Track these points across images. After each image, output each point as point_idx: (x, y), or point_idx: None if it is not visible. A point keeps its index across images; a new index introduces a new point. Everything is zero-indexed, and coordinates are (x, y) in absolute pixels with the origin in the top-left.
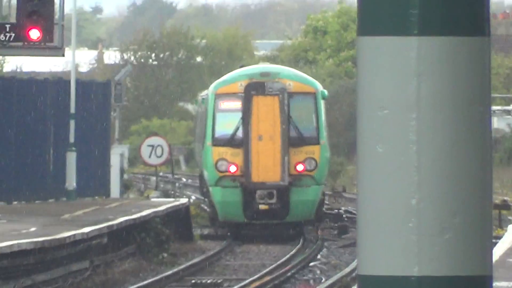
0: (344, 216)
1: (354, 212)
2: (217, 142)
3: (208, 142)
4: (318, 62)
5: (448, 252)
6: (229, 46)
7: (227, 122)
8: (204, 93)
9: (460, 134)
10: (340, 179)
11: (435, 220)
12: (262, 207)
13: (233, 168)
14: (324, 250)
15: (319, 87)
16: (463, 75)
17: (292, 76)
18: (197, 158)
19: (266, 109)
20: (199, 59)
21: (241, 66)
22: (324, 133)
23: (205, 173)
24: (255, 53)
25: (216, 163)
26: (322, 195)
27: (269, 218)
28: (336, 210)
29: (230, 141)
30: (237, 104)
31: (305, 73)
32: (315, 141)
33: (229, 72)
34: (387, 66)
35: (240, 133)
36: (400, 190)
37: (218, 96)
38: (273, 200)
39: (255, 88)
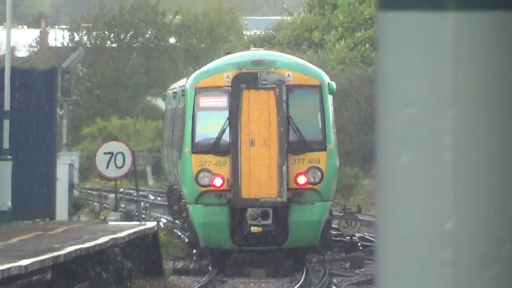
0: (358, 244)
1: (372, 239)
2: (198, 149)
3: (187, 148)
4: (326, 44)
5: None
6: (211, 24)
7: (210, 123)
8: (175, 86)
9: (510, 137)
10: (355, 197)
11: (476, 250)
12: (254, 229)
13: (218, 181)
14: None
15: (326, 78)
16: None
17: (292, 65)
18: (165, 168)
19: (260, 107)
20: (172, 40)
21: (227, 53)
22: (332, 136)
23: (183, 188)
24: (245, 33)
25: (196, 175)
26: (329, 215)
27: (263, 243)
28: (348, 237)
29: (215, 147)
30: (223, 101)
31: (308, 59)
32: (321, 146)
33: (212, 59)
34: (415, 50)
35: (227, 137)
36: (431, 211)
37: (199, 90)
38: (268, 221)
39: (246, 81)
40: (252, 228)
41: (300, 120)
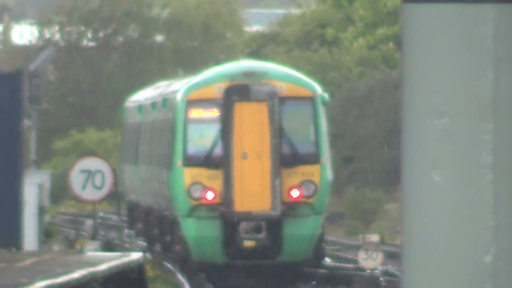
0: (381, 279)
1: (398, 274)
2: (190, 162)
3: (179, 161)
4: (342, 43)
5: None
6: (205, 19)
7: (202, 136)
8: (138, 98)
9: None
10: (376, 224)
11: None
12: (247, 243)
13: (210, 195)
14: None
15: (318, 90)
16: None
17: (284, 76)
18: (127, 186)
19: (252, 119)
20: (159, 38)
21: (218, 64)
22: (325, 149)
23: (175, 201)
24: (246, 29)
25: (189, 188)
26: (321, 228)
27: (256, 257)
28: (369, 270)
29: (207, 161)
30: (215, 113)
31: (321, 59)
32: (314, 159)
33: (206, 60)
34: (448, 49)
35: (219, 150)
36: (468, 241)
37: (190, 102)
38: (262, 235)
39: (237, 93)
40: (245, 242)
41: (292, 132)
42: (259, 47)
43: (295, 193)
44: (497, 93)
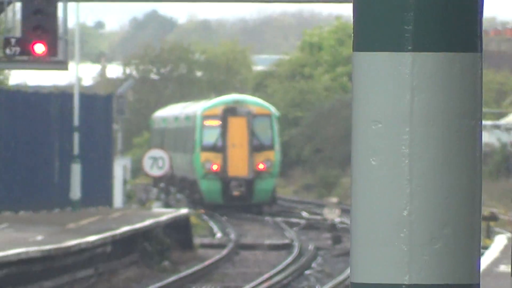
0: (338, 226)
1: (348, 223)
2: (203, 149)
3: (198, 148)
4: (314, 77)
5: (437, 262)
6: (228, 61)
7: (210, 135)
8: (160, 114)
9: (452, 147)
10: (336, 190)
11: (426, 231)
12: (235, 193)
13: (215, 167)
14: (319, 258)
15: (273, 110)
16: (455, 90)
17: (255, 103)
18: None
19: (238, 126)
20: (199, 73)
21: (223, 94)
22: (277, 143)
23: (195, 170)
24: (253, 67)
25: (203, 163)
26: (274, 185)
27: (239, 201)
28: (330, 220)
29: (213, 148)
30: (218, 122)
31: (303, 87)
32: (271, 148)
33: (227, 88)
34: (381, 81)
35: (219, 142)
36: (392, 202)
37: (204, 116)
38: (242, 189)
39: (230, 111)
40: (234, 192)
41: (259, 133)
42: (262, 79)
43: (260, 166)
44: (412, 108)
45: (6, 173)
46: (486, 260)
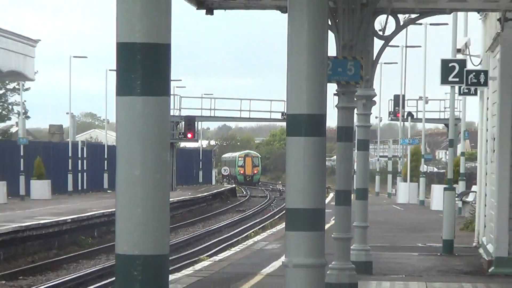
0: (281, 190)
1: (283, 189)
2: (239, 167)
3: (238, 166)
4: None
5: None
6: (248, 142)
7: (240, 163)
8: (227, 155)
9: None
10: (281, 178)
11: None
12: (247, 179)
13: (242, 171)
14: (275, 200)
15: (259, 155)
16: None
17: (254, 152)
18: (225, 170)
19: (249, 162)
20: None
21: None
22: (260, 165)
23: (235, 172)
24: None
25: (238, 170)
26: (259, 177)
27: (249, 182)
28: (278, 188)
29: (241, 166)
30: (242, 160)
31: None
32: (258, 166)
33: (243, 149)
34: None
35: (243, 165)
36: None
37: (239, 157)
38: (249, 178)
39: (246, 156)
40: (247, 179)
41: (254, 162)
42: (257, 145)
43: (254, 171)
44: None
45: None
46: None
